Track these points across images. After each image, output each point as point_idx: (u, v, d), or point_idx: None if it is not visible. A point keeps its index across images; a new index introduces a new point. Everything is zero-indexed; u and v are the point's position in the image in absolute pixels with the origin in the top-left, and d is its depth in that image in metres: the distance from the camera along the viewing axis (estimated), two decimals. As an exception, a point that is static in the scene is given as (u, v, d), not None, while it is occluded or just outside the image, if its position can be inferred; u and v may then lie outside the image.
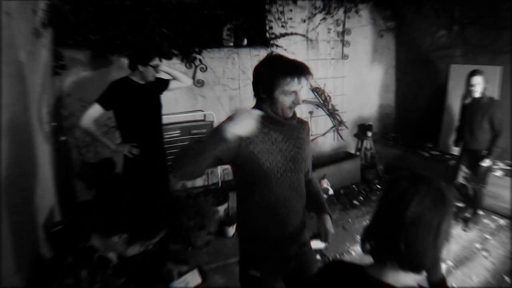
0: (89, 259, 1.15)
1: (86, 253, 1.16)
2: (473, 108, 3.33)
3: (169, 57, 3.64)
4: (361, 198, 4.40)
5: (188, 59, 3.76)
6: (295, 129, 1.57)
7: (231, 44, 4.01)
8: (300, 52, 4.54)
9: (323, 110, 4.89)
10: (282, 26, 4.32)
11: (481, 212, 3.74)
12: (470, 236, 3.44)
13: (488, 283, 2.77)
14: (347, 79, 5.06)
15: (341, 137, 5.14)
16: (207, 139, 1.23)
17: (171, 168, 1.34)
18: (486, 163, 3.29)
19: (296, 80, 1.40)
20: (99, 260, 1.17)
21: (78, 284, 1.08)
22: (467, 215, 3.66)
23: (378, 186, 4.74)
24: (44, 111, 2.68)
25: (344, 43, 4.91)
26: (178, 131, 3.73)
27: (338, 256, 3.19)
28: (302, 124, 1.63)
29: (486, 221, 3.71)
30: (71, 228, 1.80)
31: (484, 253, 3.15)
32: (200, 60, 3.83)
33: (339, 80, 4.99)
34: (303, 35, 4.54)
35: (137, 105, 2.65)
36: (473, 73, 3.24)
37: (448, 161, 4.31)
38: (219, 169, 4.07)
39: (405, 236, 0.83)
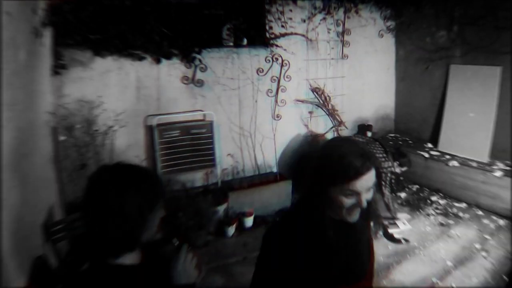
0: None
1: None
2: None
3: (169, 57, 3.65)
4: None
5: (188, 59, 3.76)
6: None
7: (231, 44, 4.00)
8: (299, 52, 4.54)
9: (323, 110, 4.88)
10: (282, 26, 4.32)
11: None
12: (470, 237, 3.45)
13: (487, 283, 2.77)
14: (347, 79, 5.06)
15: (341, 137, 5.15)
16: None
17: None
18: None
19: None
20: None
21: None
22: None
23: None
24: (44, 110, 2.68)
25: (344, 43, 4.91)
26: (178, 131, 3.73)
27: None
28: None
29: (485, 221, 3.71)
30: None
31: (483, 253, 3.15)
32: (200, 60, 3.83)
33: (339, 80, 4.99)
34: (303, 35, 4.54)
35: None
36: None
37: (448, 161, 4.32)
38: (219, 169, 4.07)
39: None
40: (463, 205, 4.09)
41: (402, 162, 3.47)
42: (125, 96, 3.55)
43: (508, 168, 3.93)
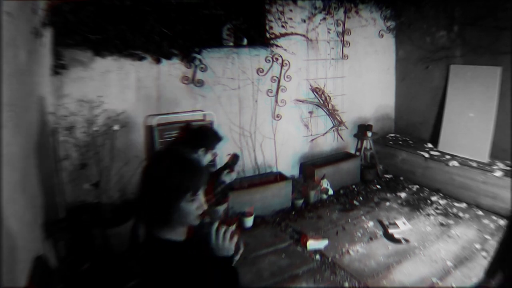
0: None
1: None
2: None
3: (169, 57, 3.65)
4: (361, 198, 4.40)
5: (188, 59, 3.76)
6: None
7: (231, 44, 4.00)
8: (300, 52, 4.54)
9: (323, 110, 4.89)
10: (282, 26, 4.32)
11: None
12: (470, 237, 3.45)
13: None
14: (347, 79, 5.06)
15: (341, 137, 5.15)
16: None
17: None
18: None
19: None
20: None
21: None
22: None
23: (378, 187, 4.75)
24: (44, 111, 2.68)
25: (344, 43, 4.91)
26: (178, 131, 3.73)
27: (337, 256, 3.20)
28: None
29: (485, 221, 3.72)
30: None
31: (483, 253, 3.15)
32: (200, 60, 3.83)
33: (339, 80, 4.99)
34: (303, 35, 4.54)
35: None
36: None
37: (448, 161, 4.32)
38: (219, 169, 4.07)
39: None
40: (463, 205, 4.09)
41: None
42: (125, 96, 3.55)
43: (508, 168, 3.93)
